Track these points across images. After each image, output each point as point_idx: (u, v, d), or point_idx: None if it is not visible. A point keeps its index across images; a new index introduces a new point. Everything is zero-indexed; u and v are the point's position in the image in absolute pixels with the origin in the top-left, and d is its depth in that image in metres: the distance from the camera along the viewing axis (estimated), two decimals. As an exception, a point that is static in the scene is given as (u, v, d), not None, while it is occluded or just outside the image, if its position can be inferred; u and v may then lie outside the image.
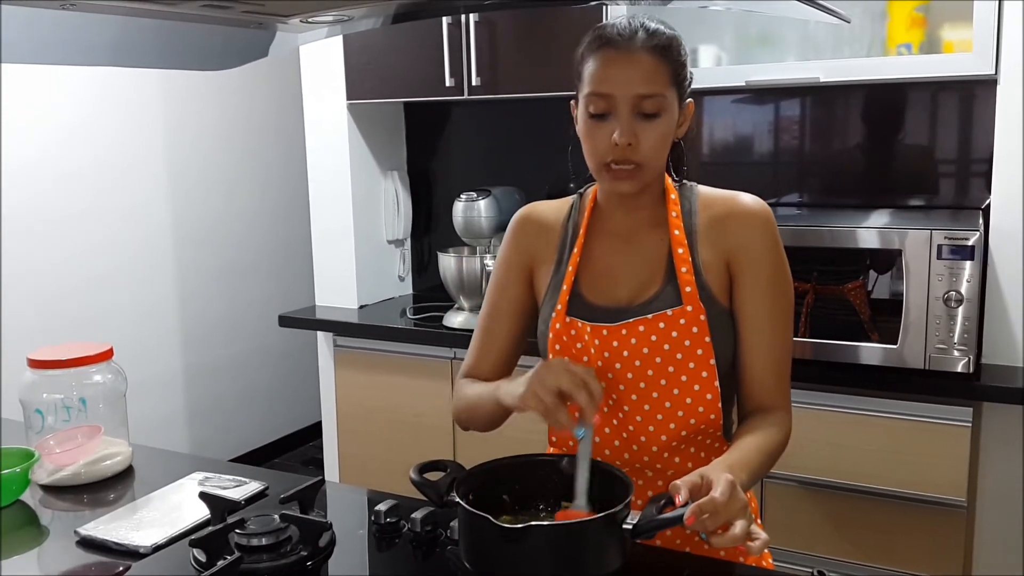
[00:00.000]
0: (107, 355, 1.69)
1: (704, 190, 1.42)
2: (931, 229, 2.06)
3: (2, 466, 1.53)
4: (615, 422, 1.40)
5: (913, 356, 2.10)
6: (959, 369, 2.07)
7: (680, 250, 1.37)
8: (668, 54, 1.31)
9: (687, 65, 1.36)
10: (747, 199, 1.39)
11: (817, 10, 1.24)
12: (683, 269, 1.36)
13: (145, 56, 1.53)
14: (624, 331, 1.36)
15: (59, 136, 3.40)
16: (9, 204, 3.23)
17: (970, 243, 2.02)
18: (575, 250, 1.43)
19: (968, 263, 2.03)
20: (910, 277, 2.08)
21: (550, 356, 1.43)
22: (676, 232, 1.38)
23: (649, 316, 1.35)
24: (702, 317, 1.34)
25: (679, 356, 1.34)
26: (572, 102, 1.40)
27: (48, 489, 1.61)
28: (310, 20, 1.31)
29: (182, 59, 1.56)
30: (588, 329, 1.38)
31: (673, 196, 1.40)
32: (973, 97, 2.43)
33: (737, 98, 2.74)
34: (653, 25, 1.32)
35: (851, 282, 2.18)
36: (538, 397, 1.20)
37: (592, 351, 1.38)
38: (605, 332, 1.36)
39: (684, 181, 1.44)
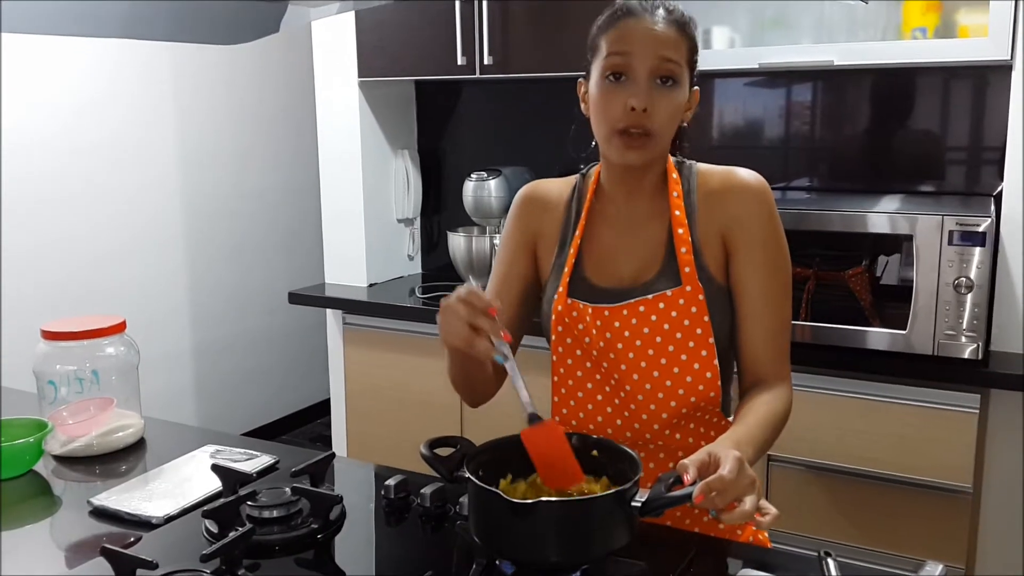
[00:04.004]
0: (120, 328, 1.71)
1: (702, 166, 1.43)
2: (943, 215, 2.06)
3: (16, 436, 1.55)
4: (617, 402, 1.41)
5: (922, 342, 2.10)
6: (967, 355, 2.07)
7: (680, 230, 1.38)
8: (686, 29, 1.34)
9: (698, 49, 1.37)
10: (743, 173, 1.40)
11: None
12: (683, 249, 1.37)
13: (156, 28, 1.53)
14: (625, 312, 1.37)
15: (71, 112, 3.40)
16: (21, 179, 3.24)
17: (981, 229, 2.02)
18: (577, 232, 1.44)
19: (979, 249, 2.03)
20: (920, 263, 2.08)
21: (553, 337, 1.44)
22: (677, 212, 1.39)
23: (649, 296, 1.37)
24: (700, 297, 1.35)
25: (678, 336, 1.36)
26: (580, 80, 1.40)
27: (61, 459, 1.62)
28: (326, -6, 1.31)
29: (194, 32, 1.56)
30: (589, 310, 1.39)
31: (675, 176, 1.41)
32: (986, 83, 2.41)
33: (749, 81, 2.73)
34: (670, 4, 1.34)
35: (852, 268, 2.18)
36: (453, 337, 1.21)
37: (594, 332, 1.39)
38: (607, 313, 1.38)
39: (684, 160, 1.44)
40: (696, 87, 1.38)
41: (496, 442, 1.26)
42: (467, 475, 1.15)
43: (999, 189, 2.25)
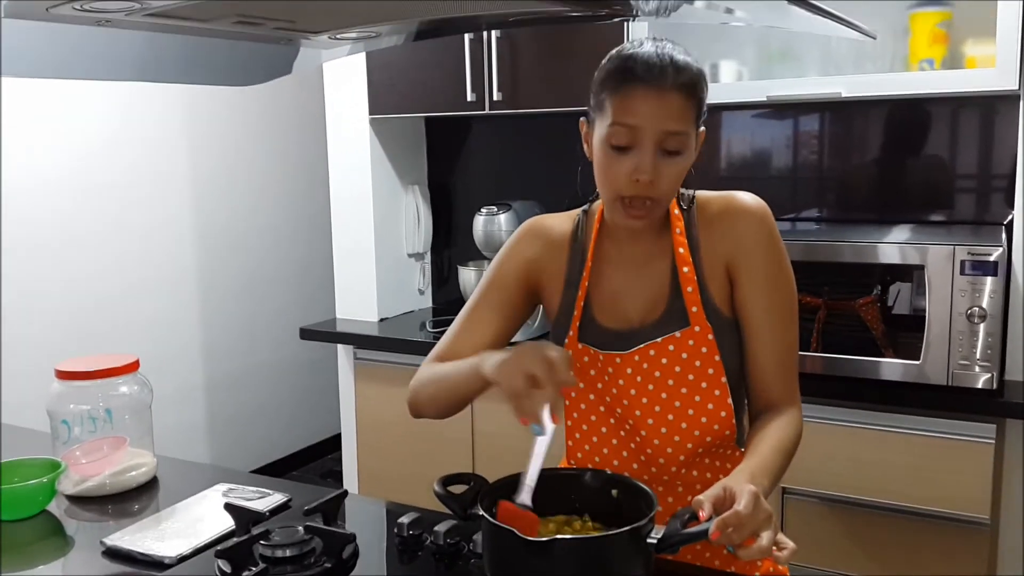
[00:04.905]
0: (133, 367, 1.71)
1: (701, 194, 1.42)
2: (954, 245, 2.05)
3: (29, 476, 1.55)
4: (633, 445, 1.40)
5: (935, 372, 2.09)
6: (982, 385, 2.05)
7: (685, 268, 1.37)
8: (695, 92, 1.28)
9: (707, 96, 1.33)
10: (743, 196, 1.39)
11: (842, 26, 1.24)
12: (689, 288, 1.36)
13: (171, 71, 1.55)
14: (636, 357, 1.36)
15: (85, 152, 3.44)
16: (36, 218, 3.27)
17: (993, 258, 2.02)
18: (584, 273, 1.43)
19: (990, 279, 2.02)
20: (932, 293, 2.07)
21: None
22: (680, 250, 1.38)
23: (659, 340, 1.35)
24: (710, 336, 1.34)
25: (690, 377, 1.35)
26: (582, 120, 1.37)
27: (74, 499, 1.62)
28: (337, 37, 1.32)
29: (207, 75, 1.58)
30: (600, 357, 1.39)
31: (676, 212, 1.40)
32: (994, 112, 2.42)
33: (757, 113, 2.75)
34: (681, 59, 1.27)
35: (863, 298, 2.18)
36: (511, 376, 1.17)
37: (606, 378, 1.39)
38: (618, 360, 1.37)
39: (683, 191, 1.41)
40: (703, 128, 1.35)
41: (510, 479, 1.25)
42: (481, 512, 1.15)
43: (1009, 218, 2.25)
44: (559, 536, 1.09)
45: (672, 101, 1.25)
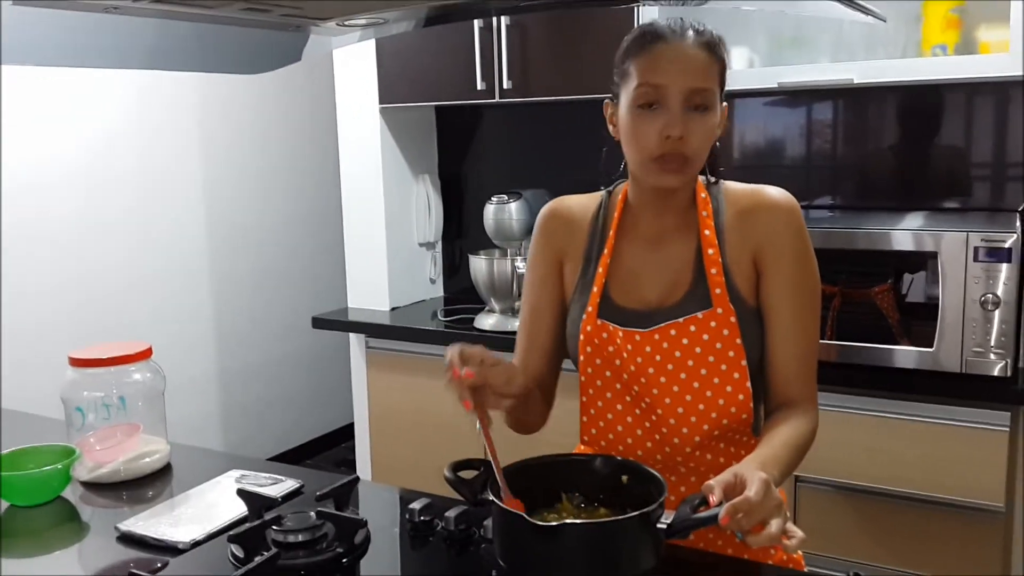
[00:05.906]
0: (146, 354, 1.72)
1: (730, 185, 1.42)
2: (967, 231, 2.04)
3: (44, 463, 1.56)
4: (647, 424, 1.40)
5: (949, 359, 2.08)
6: (996, 373, 2.04)
7: (710, 251, 1.37)
8: (716, 51, 1.33)
9: (728, 66, 1.37)
10: (772, 191, 1.39)
11: (853, 9, 1.24)
12: (713, 271, 1.36)
13: (181, 59, 1.55)
14: (656, 336, 1.36)
15: (97, 143, 3.45)
16: (50, 210, 3.29)
17: (1007, 245, 2.00)
18: (605, 251, 1.43)
19: (1005, 265, 2.01)
20: (946, 280, 2.06)
21: (581, 357, 1.43)
22: (706, 232, 1.38)
23: (680, 320, 1.35)
24: (732, 319, 1.34)
25: (711, 359, 1.35)
26: (607, 102, 1.39)
27: (88, 486, 1.63)
28: (346, 23, 1.32)
29: (217, 62, 1.58)
30: (620, 333, 1.38)
31: (704, 195, 1.40)
32: (1008, 98, 2.40)
33: (769, 100, 2.73)
34: (699, 26, 1.34)
35: (878, 285, 2.17)
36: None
37: (624, 355, 1.38)
38: (638, 337, 1.37)
39: (711, 179, 1.43)
40: (725, 103, 1.37)
41: (520, 464, 1.26)
42: (491, 498, 1.15)
43: (1024, 204, 2.24)
44: (568, 521, 1.09)
45: (696, 57, 1.30)
